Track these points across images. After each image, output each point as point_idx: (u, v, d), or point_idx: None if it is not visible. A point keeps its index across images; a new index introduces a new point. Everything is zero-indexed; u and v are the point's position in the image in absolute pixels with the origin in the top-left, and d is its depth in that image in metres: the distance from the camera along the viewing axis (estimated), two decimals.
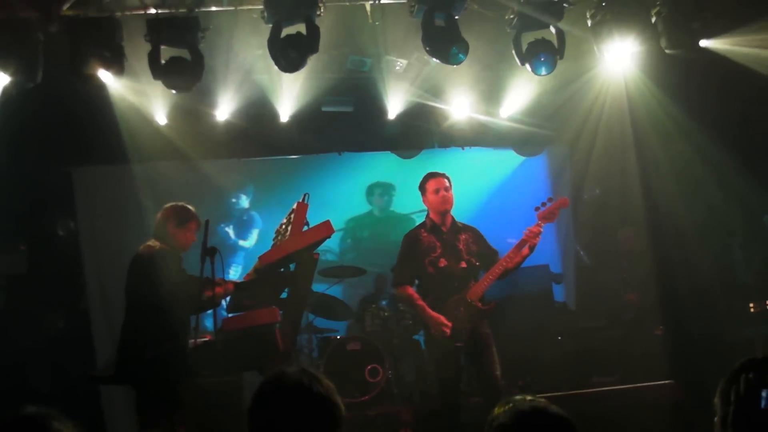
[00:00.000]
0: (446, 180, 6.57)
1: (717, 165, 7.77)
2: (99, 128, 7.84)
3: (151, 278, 5.52)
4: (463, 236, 6.59)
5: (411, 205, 9.25)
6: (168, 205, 5.98)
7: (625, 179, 8.88)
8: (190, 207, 5.96)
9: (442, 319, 6.24)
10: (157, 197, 5.94)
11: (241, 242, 10.54)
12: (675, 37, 6.84)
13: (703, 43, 7.00)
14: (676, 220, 8.12)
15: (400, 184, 10.53)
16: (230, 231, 10.48)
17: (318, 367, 7.53)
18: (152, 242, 5.79)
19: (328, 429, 2.49)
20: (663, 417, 5.28)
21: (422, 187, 6.62)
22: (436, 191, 6.50)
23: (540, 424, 2.28)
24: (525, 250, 6.32)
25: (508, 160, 10.12)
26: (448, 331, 6.22)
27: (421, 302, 6.40)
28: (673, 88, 7.77)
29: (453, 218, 6.63)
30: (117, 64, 6.41)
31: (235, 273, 10.12)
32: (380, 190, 10.71)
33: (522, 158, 10.09)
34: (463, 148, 9.68)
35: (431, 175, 6.60)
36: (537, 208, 6.51)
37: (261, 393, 2.55)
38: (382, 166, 10.40)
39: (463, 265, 6.47)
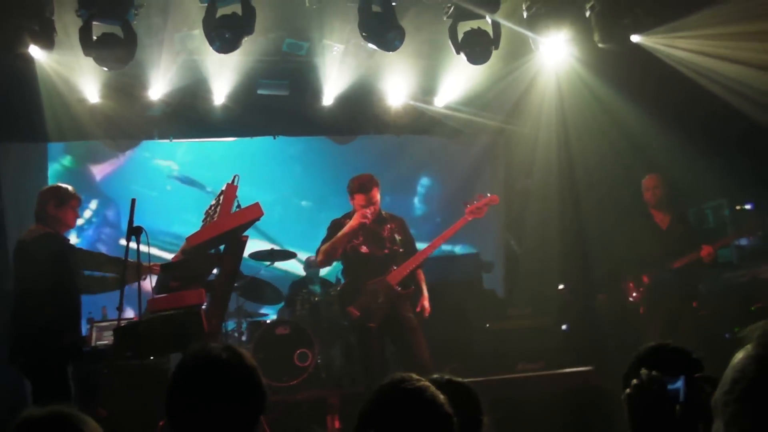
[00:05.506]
0: (377, 194, 6.54)
1: (644, 156, 7.94)
2: (26, 104, 7.61)
3: (36, 264, 5.56)
4: (389, 225, 6.69)
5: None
6: (44, 188, 6.09)
7: (552, 169, 9.01)
8: (67, 186, 6.03)
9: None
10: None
11: None
12: (607, 32, 7.05)
13: (634, 38, 7.20)
14: (599, 209, 8.31)
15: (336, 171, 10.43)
16: None
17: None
18: (34, 227, 5.84)
19: (251, 409, 2.38)
20: (582, 401, 5.45)
21: (351, 192, 6.60)
22: (363, 206, 6.50)
23: (395, 398, 2.32)
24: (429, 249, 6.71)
25: (443, 148, 10.14)
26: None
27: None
28: (603, 80, 7.93)
29: (379, 210, 6.68)
30: (46, 39, 6.28)
31: None
32: None
33: (455, 148, 10.12)
34: (398, 135, 9.72)
35: (361, 188, 6.52)
36: (466, 203, 6.72)
37: (181, 369, 2.41)
38: (317, 151, 10.35)
39: (386, 251, 6.60)
